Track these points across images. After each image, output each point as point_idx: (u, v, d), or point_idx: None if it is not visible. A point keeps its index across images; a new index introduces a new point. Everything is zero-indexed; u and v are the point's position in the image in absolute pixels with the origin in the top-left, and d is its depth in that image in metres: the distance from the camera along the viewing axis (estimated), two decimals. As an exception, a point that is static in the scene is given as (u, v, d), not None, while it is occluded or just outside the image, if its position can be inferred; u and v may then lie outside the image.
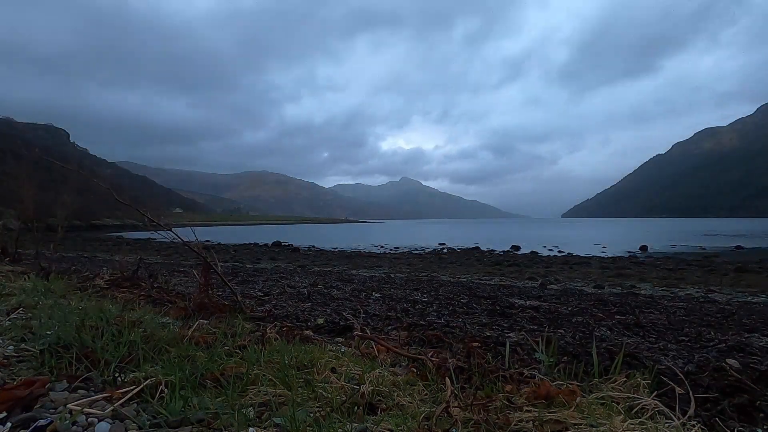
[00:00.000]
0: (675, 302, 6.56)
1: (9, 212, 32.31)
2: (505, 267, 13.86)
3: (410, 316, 4.62)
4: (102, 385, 1.56)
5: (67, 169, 4.95)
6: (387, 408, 1.53)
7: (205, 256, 3.59)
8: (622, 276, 11.25)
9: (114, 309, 2.66)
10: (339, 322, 3.88)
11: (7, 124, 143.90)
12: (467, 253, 20.58)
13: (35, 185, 9.66)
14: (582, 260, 16.41)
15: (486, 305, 5.53)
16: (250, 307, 3.89)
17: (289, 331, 2.74)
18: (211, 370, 1.71)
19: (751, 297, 7.77)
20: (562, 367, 2.19)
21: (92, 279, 4.69)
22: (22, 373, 1.66)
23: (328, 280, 8.64)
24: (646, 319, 4.68)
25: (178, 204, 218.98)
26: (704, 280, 10.47)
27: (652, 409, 1.57)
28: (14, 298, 3.17)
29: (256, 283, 7.57)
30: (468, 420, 1.41)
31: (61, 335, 1.88)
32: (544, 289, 8.19)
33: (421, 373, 1.96)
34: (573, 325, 4.29)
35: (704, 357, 2.86)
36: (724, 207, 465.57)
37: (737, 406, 1.92)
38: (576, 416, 1.45)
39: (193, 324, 2.51)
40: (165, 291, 4.44)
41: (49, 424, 1.23)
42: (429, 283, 8.86)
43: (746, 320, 4.78)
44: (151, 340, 2.00)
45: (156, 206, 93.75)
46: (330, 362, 1.98)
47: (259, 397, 1.54)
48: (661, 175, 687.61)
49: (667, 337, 3.72)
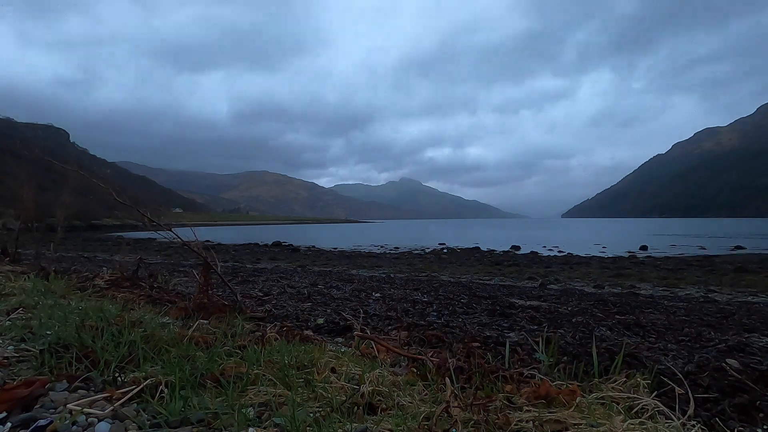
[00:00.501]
0: (675, 302, 6.56)
1: (9, 212, 32.30)
2: (505, 267, 13.85)
3: (410, 316, 4.62)
4: (102, 385, 1.55)
5: (67, 169, 4.94)
6: (387, 408, 1.53)
7: (204, 256, 3.59)
8: (622, 276, 11.25)
9: (114, 309, 2.65)
10: (339, 322, 3.88)
11: (7, 124, 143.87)
12: (467, 253, 20.58)
13: (35, 185, 9.66)
14: (582, 260, 16.41)
15: (486, 305, 5.53)
16: (250, 307, 3.89)
17: (289, 331, 2.74)
18: (211, 370, 1.71)
19: (751, 297, 7.77)
20: (562, 367, 2.19)
21: (92, 279, 4.68)
22: (22, 373, 1.66)
23: (328, 280, 8.64)
24: (646, 319, 4.68)
25: (178, 204, 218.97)
26: (704, 280, 10.47)
27: (652, 409, 1.57)
28: (14, 298, 3.17)
29: (256, 283, 7.57)
30: (468, 420, 1.41)
31: (61, 335, 1.88)
32: (544, 289, 8.19)
33: (421, 373, 1.96)
34: (573, 325, 4.29)
35: (704, 357, 2.86)
36: (724, 207, 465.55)
37: (737, 406, 1.93)
38: (576, 416, 1.45)
39: (193, 324, 2.51)
40: (165, 291, 4.44)
41: (49, 424, 1.23)
42: (429, 283, 8.86)
43: (746, 320, 4.78)
44: (151, 340, 2.00)
45: (156, 206, 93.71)
46: (330, 362, 1.98)
47: (259, 397, 1.54)
48: (661, 175, 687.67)
49: (667, 337, 3.72)
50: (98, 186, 3.94)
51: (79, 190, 15.19)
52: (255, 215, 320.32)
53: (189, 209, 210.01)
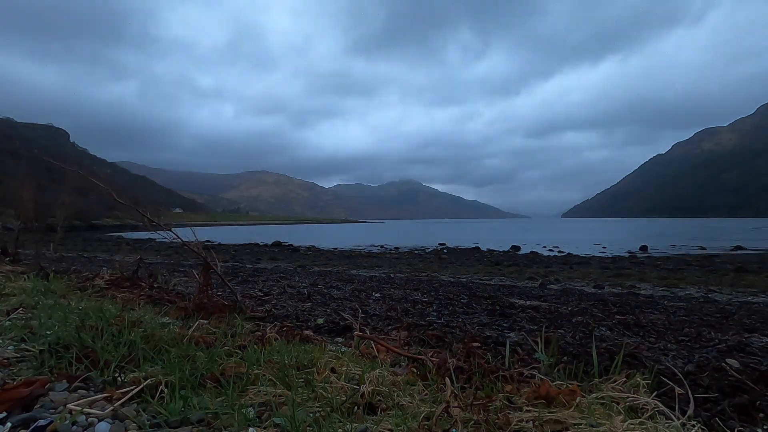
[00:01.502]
0: (675, 302, 6.56)
1: (9, 212, 32.30)
2: (505, 267, 13.85)
3: (410, 316, 4.62)
4: (102, 385, 1.55)
5: (67, 169, 4.95)
6: (387, 408, 1.53)
7: (204, 256, 3.59)
8: (622, 276, 11.25)
9: (114, 309, 2.65)
10: (339, 322, 3.88)
11: (7, 124, 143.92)
12: (467, 253, 20.58)
13: (35, 185, 9.68)
14: (582, 260, 16.41)
15: (486, 305, 5.53)
16: (250, 307, 3.89)
17: (289, 331, 2.74)
18: (211, 370, 1.71)
19: (751, 297, 7.77)
20: (562, 367, 2.19)
21: (92, 279, 4.68)
22: (22, 373, 1.66)
23: (328, 280, 8.64)
24: (646, 319, 4.68)
25: (178, 204, 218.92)
26: (704, 280, 10.47)
27: (652, 409, 1.57)
28: (14, 298, 3.17)
29: (256, 283, 7.57)
30: (468, 420, 1.41)
31: (61, 335, 1.88)
32: (544, 289, 8.18)
33: (420, 373, 1.96)
34: (573, 325, 4.29)
35: (704, 357, 2.86)
36: (724, 207, 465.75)
37: (737, 406, 1.93)
38: (576, 416, 1.45)
39: (193, 324, 2.51)
40: (165, 291, 4.44)
41: (49, 424, 1.23)
42: (429, 283, 8.86)
43: (746, 320, 4.78)
44: (151, 340, 2.00)
45: (156, 206, 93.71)
46: (330, 362, 1.98)
47: (259, 397, 1.54)
48: (661, 175, 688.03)
49: (667, 337, 3.72)
50: (98, 186, 3.94)
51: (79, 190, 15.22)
52: (255, 215, 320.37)
53: (189, 209, 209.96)
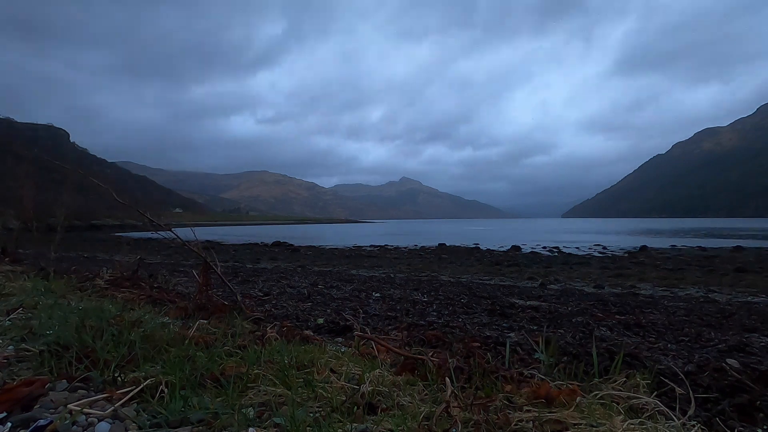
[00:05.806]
0: (675, 302, 6.56)
1: (9, 212, 32.31)
2: (505, 267, 13.85)
3: (410, 316, 4.63)
4: (102, 385, 1.55)
5: (67, 169, 4.94)
6: (387, 408, 1.53)
7: (204, 256, 3.59)
8: (622, 276, 11.25)
9: (114, 309, 2.65)
10: (339, 322, 3.89)
11: (7, 124, 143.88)
12: (467, 253, 20.57)
13: (35, 185, 9.67)
14: (582, 260, 16.40)
15: (486, 305, 5.53)
16: (250, 307, 3.89)
17: (289, 331, 2.74)
18: (211, 370, 1.71)
19: (751, 297, 7.77)
20: (562, 367, 2.19)
21: (92, 279, 4.68)
22: (22, 373, 1.66)
23: (328, 280, 8.64)
24: (646, 319, 4.68)
25: (178, 204, 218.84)
26: (704, 280, 10.46)
27: (652, 409, 1.57)
28: (14, 298, 3.17)
29: (256, 283, 7.57)
30: (468, 420, 1.41)
31: (60, 335, 1.88)
32: (544, 289, 8.18)
33: (420, 374, 1.96)
34: (573, 325, 4.29)
35: (704, 357, 2.87)
36: (724, 207, 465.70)
37: (737, 406, 1.93)
38: (576, 416, 1.45)
39: (193, 324, 2.51)
40: (165, 291, 4.44)
41: (49, 424, 1.23)
42: (429, 283, 8.86)
43: (746, 320, 4.78)
44: (151, 340, 1.99)
45: (156, 206, 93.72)
46: (330, 362, 1.98)
47: (259, 397, 1.54)
48: (661, 175, 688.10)
49: (667, 337, 3.73)
50: (98, 186, 3.94)
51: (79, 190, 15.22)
52: (255, 215, 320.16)
53: (189, 209, 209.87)
